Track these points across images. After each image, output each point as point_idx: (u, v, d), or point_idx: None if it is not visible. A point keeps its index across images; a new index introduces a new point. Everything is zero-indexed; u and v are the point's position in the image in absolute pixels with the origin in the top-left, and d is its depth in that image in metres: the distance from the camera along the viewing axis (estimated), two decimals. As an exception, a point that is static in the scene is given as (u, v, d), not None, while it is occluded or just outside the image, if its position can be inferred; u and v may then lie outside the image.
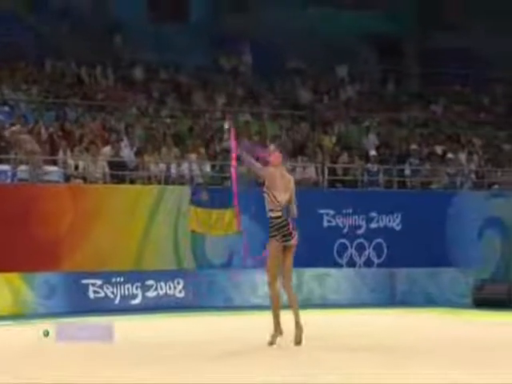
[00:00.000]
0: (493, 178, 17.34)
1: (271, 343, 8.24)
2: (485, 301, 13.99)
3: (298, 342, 8.13)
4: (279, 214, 8.28)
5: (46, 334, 8.03)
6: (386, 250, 15.91)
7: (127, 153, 15.45)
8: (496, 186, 17.07)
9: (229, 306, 13.86)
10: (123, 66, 19.57)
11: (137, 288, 13.52)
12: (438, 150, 17.90)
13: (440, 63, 22.24)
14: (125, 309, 13.16)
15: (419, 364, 7.00)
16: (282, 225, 8.28)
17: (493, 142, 19.04)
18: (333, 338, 9.14)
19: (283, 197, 8.29)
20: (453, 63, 22.28)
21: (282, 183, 8.32)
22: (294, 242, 8.31)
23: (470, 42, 23.06)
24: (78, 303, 12.99)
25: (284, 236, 8.29)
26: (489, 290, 14.19)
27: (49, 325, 8.72)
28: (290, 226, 8.31)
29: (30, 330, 9.75)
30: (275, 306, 8.35)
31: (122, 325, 10.18)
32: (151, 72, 19.55)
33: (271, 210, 8.30)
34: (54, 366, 6.79)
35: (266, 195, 8.33)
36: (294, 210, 8.34)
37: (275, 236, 8.29)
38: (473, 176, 17.38)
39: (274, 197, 8.27)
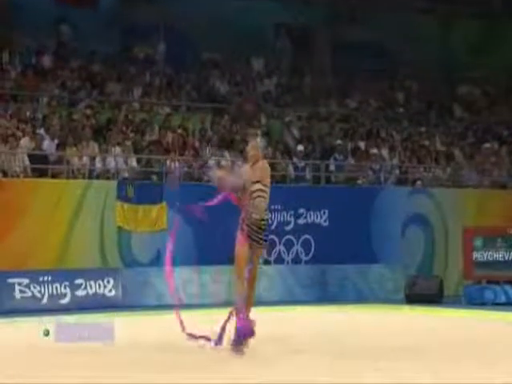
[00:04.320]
0: (416, 174, 18.17)
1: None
2: (417, 297, 14.68)
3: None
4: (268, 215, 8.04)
5: (47, 333, 7.97)
6: (313, 247, 16.42)
7: (48, 145, 15.29)
8: (419, 182, 17.90)
9: (160, 305, 14.02)
10: (30, 53, 19.25)
11: (65, 287, 13.46)
12: (361, 145, 18.58)
13: (353, 57, 22.97)
14: (53, 308, 13.08)
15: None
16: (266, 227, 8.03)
17: (412, 137, 19.91)
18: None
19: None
20: (365, 57, 23.07)
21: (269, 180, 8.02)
22: None
23: (382, 37, 23.93)
24: (3, 303, 12.81)
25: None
26: (420, 286, 14.89)
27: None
28: None
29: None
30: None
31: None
32: (61, 60, 19.33)
33: (266, 210, 7.98)
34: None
35: (265, 195, 7.86)
36: None
37: (266, 241, 8.01)
38: (397, 172, 18.16)
39: (268, 195, 7.95)
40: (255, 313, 8.23)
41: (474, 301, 14.18)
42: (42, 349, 7.85)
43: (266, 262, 15.98)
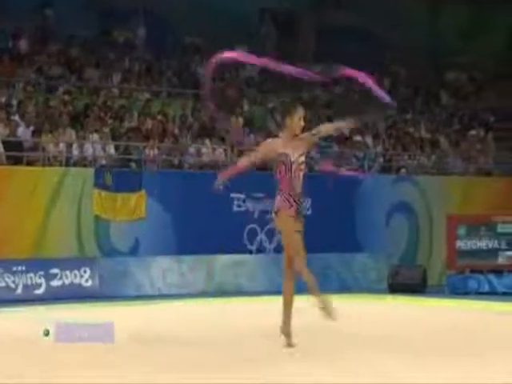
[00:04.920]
0: (400, 162, 18.17)
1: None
2: (400, 286, 14.70)
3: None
4: None
5: (47, 333, 7.78)
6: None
7: (23, 132, 15.19)
8: (403, 170, 17.92)
9: (140, 295, 13.98)
10: (6, 37, 19.10)
11: (40, 277, 13.40)
12: (345, 132, 18.54)
13: (337, 41, 22.88)
14: (28, 299, 13.03)
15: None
16: None
17: (397, 124, 19.89)
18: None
19: None
20: (350, 42, 22.98)
21: None
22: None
23: (368, 21, 23.83)
24: (-24, 294, 12.75)
25: None
26: (403, 276, 14.90)
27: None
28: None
29: None
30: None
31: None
32: (38, 44, 19.19)
33: None
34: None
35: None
36: None
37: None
38: (381, 159, 18.16)
39: None
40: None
41: (458, 290, 14.21)
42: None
43: (246, 251, 16.00)
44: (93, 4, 21.23)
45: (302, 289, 7.69)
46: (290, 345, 7.51)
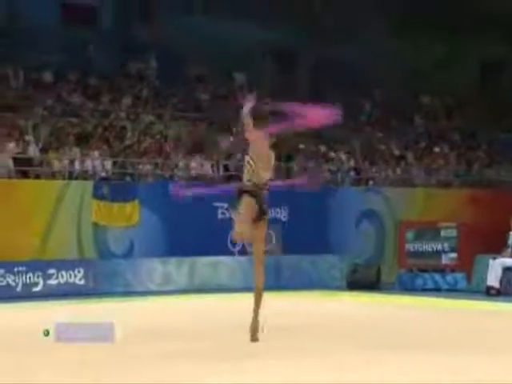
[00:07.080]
0: (369, 175, 17.79)
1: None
2: (357, 283, 14.32)
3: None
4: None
5: (47, 333, 7.21)
6: (274, 240, 16.05)
7: (33, 150, 15.08)
8: (371, 182, 17.53)
9: (128, 292, 13.72)
10: (33, 68, 19.08)
11: (38, 276, 13.20)
12: (322, 148, 18.20)
13: (330, 74, 22.52)
14: (26, 296, 12.83)
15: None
16: None
17: (370, 142, 19.47)
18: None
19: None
20: (341, 74, 22.59)
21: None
22: None
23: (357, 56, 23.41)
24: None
25: None
26: (360, 273, 14.55)
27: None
28: None
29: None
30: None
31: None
32: (60, 74, 19.13)
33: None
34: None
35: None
36: None
37: None
38: (352, 173, 17.77)
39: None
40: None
41: (406, 287, 13.93)
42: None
43: (230, 254, 15.69)
44: (111, 39, 21.23)
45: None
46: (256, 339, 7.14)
